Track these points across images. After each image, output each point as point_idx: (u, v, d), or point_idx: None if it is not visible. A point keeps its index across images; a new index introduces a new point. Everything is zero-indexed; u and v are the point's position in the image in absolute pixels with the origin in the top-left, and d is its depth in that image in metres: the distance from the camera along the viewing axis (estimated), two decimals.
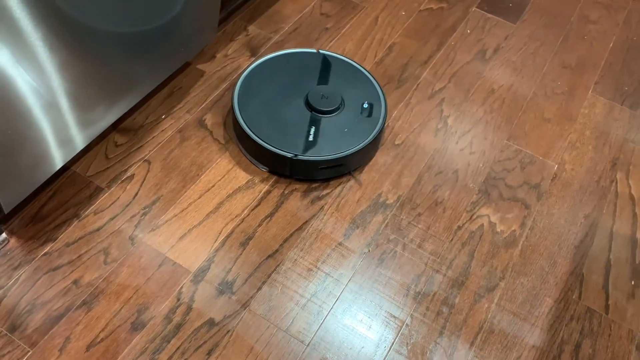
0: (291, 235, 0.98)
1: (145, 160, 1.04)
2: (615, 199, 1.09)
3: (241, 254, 0.95)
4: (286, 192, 1.03)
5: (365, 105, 1.07)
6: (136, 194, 0.99)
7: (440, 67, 1.28)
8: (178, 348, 0.84)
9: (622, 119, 1.23)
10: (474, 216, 1.04)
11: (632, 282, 0.98)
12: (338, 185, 1.05)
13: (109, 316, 0.86)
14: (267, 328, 0.87)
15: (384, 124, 1.07)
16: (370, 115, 1.07)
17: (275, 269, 0.94)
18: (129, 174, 1.02)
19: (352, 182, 1.06)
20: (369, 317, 0.90)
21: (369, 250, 0.98)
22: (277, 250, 0.96)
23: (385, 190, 1.06)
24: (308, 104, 1.07)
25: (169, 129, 1.09)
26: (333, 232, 0.99)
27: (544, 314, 0.93)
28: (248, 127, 1.03)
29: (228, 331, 0.86)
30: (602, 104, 1.25)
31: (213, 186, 1.02)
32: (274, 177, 1.05)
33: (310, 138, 1.02)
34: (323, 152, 1.01)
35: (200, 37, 1.13)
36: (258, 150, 1.03)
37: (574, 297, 0.95)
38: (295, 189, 1.04)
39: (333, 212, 1.02)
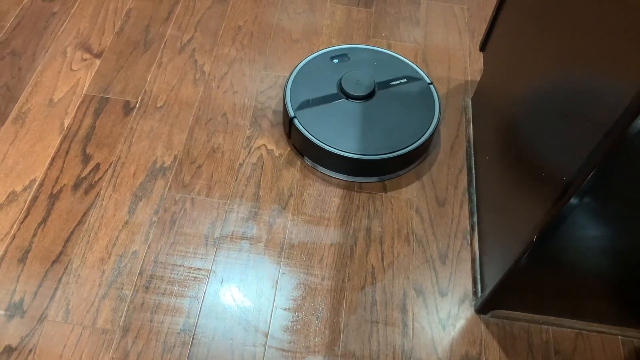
0: (72, 233, 0.93)
1: None
2: None
3: (22, 270, 0.89)
4: (54, 192, 0.97)
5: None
6: None
7: (183, 20, 1.27)
8: None
9: (361, 19, 1.32)
10: (252, 150, 1.07)
11: None
12: (109, 167, 1.02)
13: None
14: (71, 331, 0.84)
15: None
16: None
17: (64, 272, 0.89)
18: None
19: (122, 159, 1.03)
20: (175, 280, 0.90)
21: (159, 217, 0.97)
22: (61, 253, 0.91)
23: (159, 155, 1.04)
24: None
25: None
26: (116, 213, 0.96)
27: (334, 212, 1.00)
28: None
29: (30, 350, 0.82)
30: (341, 11, 1.33)
31: None
32: (37, 183, 0.98)
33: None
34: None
35: None
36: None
37: (355, 189, 1.03)
38: (64, 184, 0.98)
39: (111, 195, 0.98)
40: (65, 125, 1.07)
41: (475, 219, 1.00)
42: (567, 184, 0.65)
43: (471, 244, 0.98)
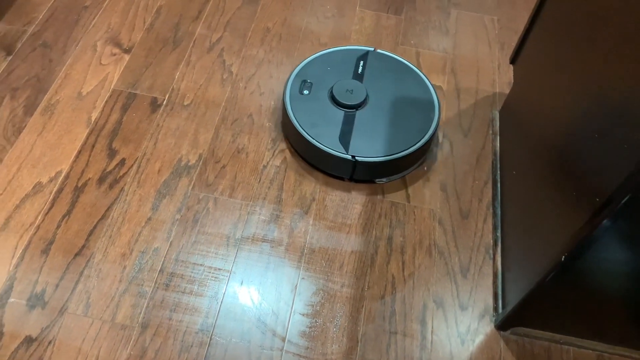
0: (95, 226, 0.94)
1: None
2: None
3: (45, 261, 0.89)
4: (79, 185, 0.98)
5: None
6: None
7: (213, 19, 1.27)
8: None
9: (390, 26, 1.32)
10: (276, 152, 1.07)
11: (425, 168, 1.08)
12: (134, 163, 1.02)
13: None
14: (91, 325, 0.84)
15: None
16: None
17: (86, 265, 0.90)
18: None
19: (147, 155, 1.03)
20: (195, 280, 0.90)
21: (182, 216, 0.97)
22: (83, 246, 0.92)
23: (184, 153, 1.05)
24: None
25: None
26: (139, 209, 0.97)
27: (355, 219, 0.99)
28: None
29: (50, 342, 0.82)
30: (370, 17, 1.33)
31: None
32: (63, 175, 0.99)
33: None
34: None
35: None
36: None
37: (378, 197, 1.03)
38: (89, 178, 0.99)
39: (135, 190, 0.99)
40: (93, 119, 1.07)
41: (498, 234, 0.99)
42: (600, 205, 0.64)
43: (494, 259, 0.97)
